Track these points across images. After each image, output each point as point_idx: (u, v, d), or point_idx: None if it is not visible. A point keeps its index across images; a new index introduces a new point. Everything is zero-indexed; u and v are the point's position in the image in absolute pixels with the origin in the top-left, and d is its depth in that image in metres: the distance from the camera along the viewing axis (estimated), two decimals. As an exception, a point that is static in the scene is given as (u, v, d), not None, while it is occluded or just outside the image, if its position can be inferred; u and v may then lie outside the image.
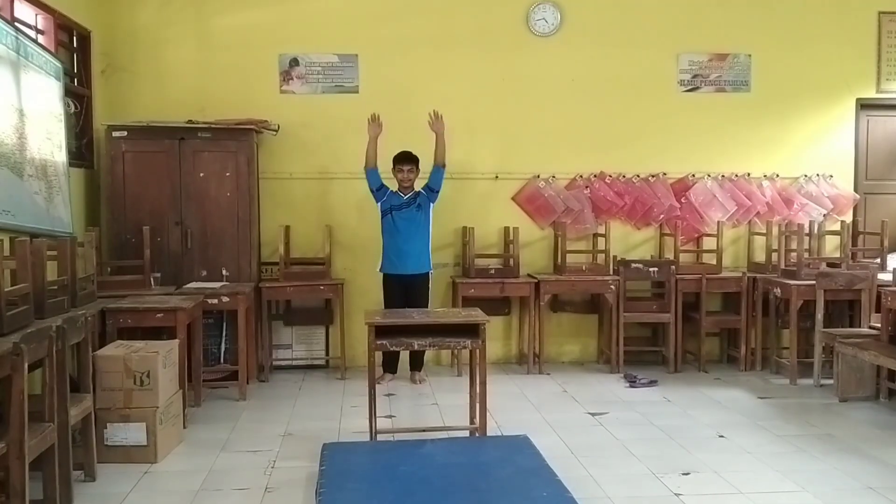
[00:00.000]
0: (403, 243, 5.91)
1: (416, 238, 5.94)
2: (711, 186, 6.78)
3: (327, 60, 6.58)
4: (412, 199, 5.95)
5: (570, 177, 6.77)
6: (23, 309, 3.89)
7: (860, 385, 5.50)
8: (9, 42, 4.63)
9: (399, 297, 5.88)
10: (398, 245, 5.92)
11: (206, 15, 6.50)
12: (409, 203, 5.94)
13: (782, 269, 6.32)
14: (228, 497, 3.80)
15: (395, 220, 5.93)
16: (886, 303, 5.35)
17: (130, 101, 6.36)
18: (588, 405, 5.41)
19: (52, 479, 3.48)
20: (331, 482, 3.56)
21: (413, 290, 5.90)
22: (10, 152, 4.58)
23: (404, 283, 5.94)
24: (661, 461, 4.24)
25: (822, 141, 6.97)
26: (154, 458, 4.20)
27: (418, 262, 5.96)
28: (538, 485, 3.52)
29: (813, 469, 4.13)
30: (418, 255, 5.95)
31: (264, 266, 6.45)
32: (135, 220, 5.85)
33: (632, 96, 6.77)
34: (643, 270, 6.41)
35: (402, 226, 5.92)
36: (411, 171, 5.96)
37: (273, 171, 6.48)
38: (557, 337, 6.77)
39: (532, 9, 6.68)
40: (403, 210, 5.92)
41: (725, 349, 6.87)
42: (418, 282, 5.96)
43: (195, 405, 5.24)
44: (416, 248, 5.93)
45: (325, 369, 6.52)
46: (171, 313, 4.91)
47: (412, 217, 5.92)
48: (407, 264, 5.92)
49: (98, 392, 4.13)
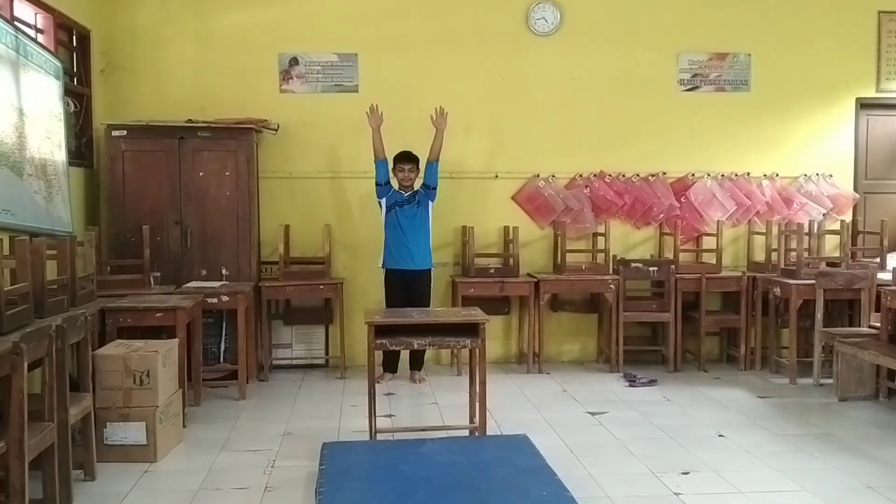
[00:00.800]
0: (406, 240, 5.96)
1: (418, 235, 6.00)
2: (711, 186, 6.78)
3: (327, 60, 6.58)
4: (412, 196, 6.02)
5: (570, 176, 6.77)
6: (22, 308, 3.89)
7: (860, 384, 5.50)
8: (8, 41, 4.63)
9: (401, 293, 5.93)
10: (401, 241, 5.96)
11: (206, 14, 6.50)
12: (410, 200, 6.00)
13: (782, 269, 6.32)
14: (228, 496, 3.80)
15: (398, 217, 5.97)
16: (886, 302, 5.34)
17: (130, 100, 6.36)
18: (588, 404, 5.41)
19: (51, 478, 3.48)
20: (330, 481, 3.56)
21: (415, 287, 5.96)
22: (9, 151, 4.58)
23: (406, 279, 5.97)
24: (661, 460, 4.24)
25: (821, 140, 6.98)
26: (154, 458, 4.20)
27: (421, 259, 6.01)
28: (538, 484, 3.52)
29: (812, 468, 4.13)
30: (421, 251, 6.01)
31: (264, 265, 6.45)
32: (134, 219, 5.85)
33: (631, 96, 6.77)
34: (643, 270, 6.41)
35: (404, 222, 5.96)
36: (412, 170, 6.01)
37: (273, 170, 6.48)
38: (557, 336, 6.77)
39: (532, 8, 6.68)
40: (406, 206, 5.97)
41: (725, 348, 6.87)
42: (420, 279, 6.02)
43: (195, 404, 5.24)
44: (418, 245, 6.00)
45: (325, 369, 6.52)
46: (170, 312, 4.91)
47: (414, 214, 5.98)
48: (409, 260, 5.97)
49: (98, 391, 4.13)
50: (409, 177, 6.00)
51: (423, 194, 6.02)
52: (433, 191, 6.02)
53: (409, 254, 5.95)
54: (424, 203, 6.02)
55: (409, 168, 5.99)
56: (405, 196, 6.00)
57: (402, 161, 6.00)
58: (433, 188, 6.02)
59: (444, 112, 5.94)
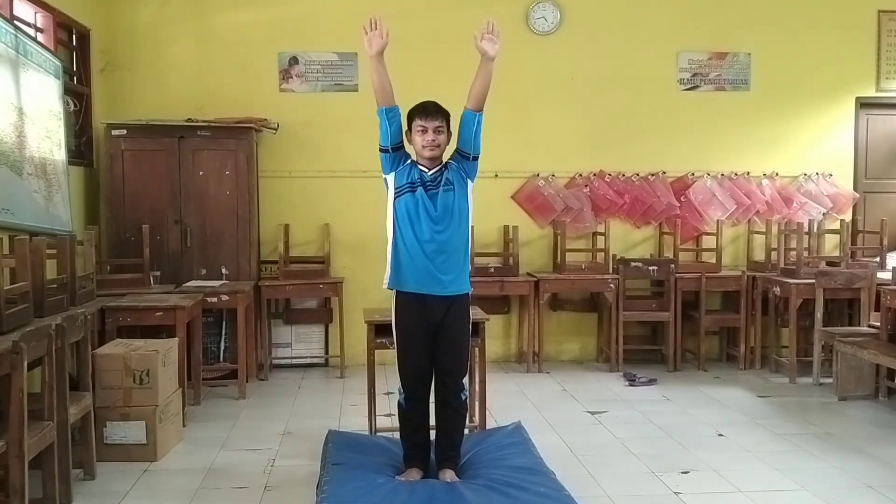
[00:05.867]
0: (429, 247, 3.59)
1: (449, 238, 3.63)
2: (711, 185, 6.78)
3: (327, 59, 6.58)
4: (440, 173, 3.67)
5: (570, 175, 6.77)
6: (22, 307, 3.89)
7: (859, 384, 5.50)
8: (8, 40, 4.62)
9: (419, 329, 3.66)
10: (419, 249, 3.60)
11: (206, 13, 6.50)
12: (437, 180, 3.65)
13: (782, 268, 6.32)
14: (228, 495, 3.80)
15: (417, 207, 3.62)
16: (886, 301, 5.35)
17: (130, 99, 6.36)
18: (587, 404, 5.41)
19: (51, 477, 3.48)
20: (332, 477, 3.55)
21: (445, 323, 3.64)
22: (9, 151, 4.58)
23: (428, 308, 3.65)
24: (661, 460, 4.24)
25: (821, 140, 6.97)
26: (153, 457, 4.20)
27: (453, 278, 3.67)
28: (536, 481, 3.52)
29: (812, 467, 4.13)
30: (453, 266, 3.65)
31: (264, 264, 6.45)
32: (134, 218, 5.85)
33: (631, 95, 6.77)
34: (643, 269, 6.41)
35: (427, 217, 3.60)
36: (440, 129, 3.68)
37: (272, 169, 6.48)
38: (557, 335, 6.77)
39: (532, 7, 6.68)
40: (430, 190, 3.63)
41: (725, 348, 6.87)
42: (452, 308, 3.66)
43: (195, 404, 5.24)
44: (449, 257, 3.63)
45: (325, 368, 6.52)
46: (170, 312, 4.92)
47: (444, 203, 3.62)
48: (433, 280, 3.62)
49: (97, 390, 4.13)
50: (434, 141, 3.65)
51: (458, 169, 3.70)
52: (474, 162, 3.74)
53: (432, 269, 3.58)
54: (461, 184, 3.68)
55: (435, 126, 3.67)
56: (429, 174, 3.65)
57: (424, 115, 3.68)
58: (474, 157, 3.74)
59: (496, 28, 3.79)
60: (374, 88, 3.70)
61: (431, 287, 3.58)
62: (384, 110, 3.67)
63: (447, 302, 3.60)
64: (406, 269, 3.60)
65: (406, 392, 3.67)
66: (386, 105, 3.67)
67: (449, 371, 3.63)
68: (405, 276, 3.61)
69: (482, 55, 3.75)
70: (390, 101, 3.68)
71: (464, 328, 3.68)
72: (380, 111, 3.68)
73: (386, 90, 3.68)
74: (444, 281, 3.59)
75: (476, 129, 3.75)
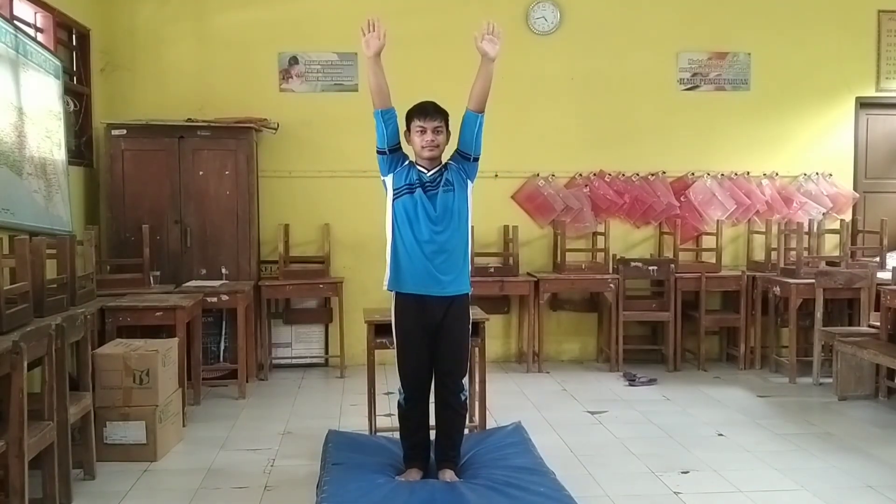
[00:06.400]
0: (429, 248, 3.62)
1: (449, 239, 3.65)
2: (711, 185, 6.78)
3: (327, 59, 6.58)
4: (439, 174, 3.69)
5: (570, 175, 6.77)
6: (22, 307, 3.89)
7: (859, 383, 5.50)
8: (8, 40, 4.62)
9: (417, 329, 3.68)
10: (419, 250, 3.62)
11: (206, 13, 6.50)
12: (436, 181, 3.67)
13: (782, 268, 6.32)
14: (228, 495, 3.80)
15: (416, 209, 3.65)
16: (885, 301, 5.35)
17: (130, 99, 6.35)
18: (587, 404, 5.41)
19: (51, 477, 3.48)
20: (332, 477, 3.55)
21: (444, 323, 3.67)
22: (9, 151, 4.58)
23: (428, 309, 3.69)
24: (661, 460, 4.25)
25: (821, 139, 6.97)
26: (153, 457, 4.20)
27: (452, 279, 3.70)
28: (536, 481, 3.52)
29: (812, 467, 4.13)
30: (452, 266, 3.68)
31: (263, 264, 6.45)
32: (134, 218, 5.85)
33: (631, 95, 6.77)
34: (642, 269, 6.41)
35: (426, 218, 3.63)
36: (438, 130, 3.72)
37: (272, 169, 6.48)
38: (557, 335, 6.77)
39: (532, 7, 6.67)
40: (429, 191, 3.65)
41: (725, 348, 6.87)
42: (451, 309, 3.68)
43: (194, 403, 5.24)
44: (448, 257, 3.66)
45: (325, 368, 6.52)
46: (170, 312, 4.92)
47: (443, 204, 3.65)
48: (432, 281, 3.65)
49: (97, 390, 4.13)
50: (433, 141, 3.69)
51: (458, 170, 3.73)
52: (474, 163, 3.78)
53: (432, 269, 3.61)
54: (461, 185, 3.71)
55: (434, 127, 3.71)
56: (428, 175, 3.68)
57: (422, 116, 3.72)
58: (475, 158, 3.78)
59: (497, 29, 3.84)
60: (371, 90, 3.73)
61: (431, 287, 3.61)
62: (380, 112, 3.69)
63: (447, 302, 3.62)
64: (405, 270, 3.62)
65: (406, 392, 3.70)
66: (382, 107, 3.69)
67: (449, 371, 3.66)
68: (405, 278, 3.63)
69: (483, 56, 3.77)
70: (387, 102, 3.71)
71: (464, 328, 3.70)
72: (376, 113, 3.70)
73: (383, 92, 3.71)
74: (443, 281, 3.61)
75: (477, 130, 3.78)
